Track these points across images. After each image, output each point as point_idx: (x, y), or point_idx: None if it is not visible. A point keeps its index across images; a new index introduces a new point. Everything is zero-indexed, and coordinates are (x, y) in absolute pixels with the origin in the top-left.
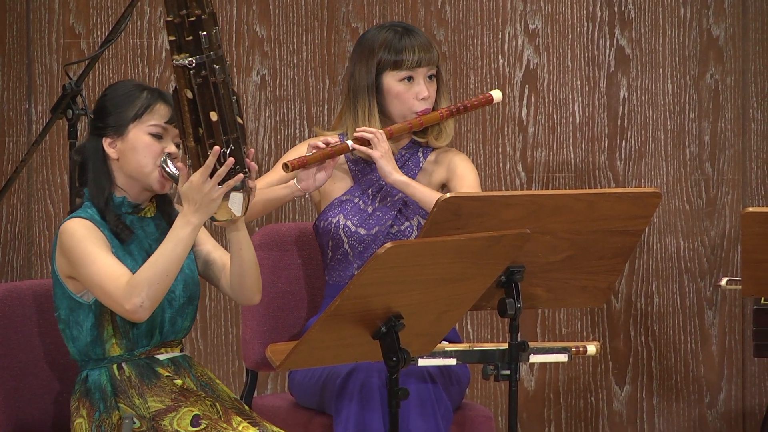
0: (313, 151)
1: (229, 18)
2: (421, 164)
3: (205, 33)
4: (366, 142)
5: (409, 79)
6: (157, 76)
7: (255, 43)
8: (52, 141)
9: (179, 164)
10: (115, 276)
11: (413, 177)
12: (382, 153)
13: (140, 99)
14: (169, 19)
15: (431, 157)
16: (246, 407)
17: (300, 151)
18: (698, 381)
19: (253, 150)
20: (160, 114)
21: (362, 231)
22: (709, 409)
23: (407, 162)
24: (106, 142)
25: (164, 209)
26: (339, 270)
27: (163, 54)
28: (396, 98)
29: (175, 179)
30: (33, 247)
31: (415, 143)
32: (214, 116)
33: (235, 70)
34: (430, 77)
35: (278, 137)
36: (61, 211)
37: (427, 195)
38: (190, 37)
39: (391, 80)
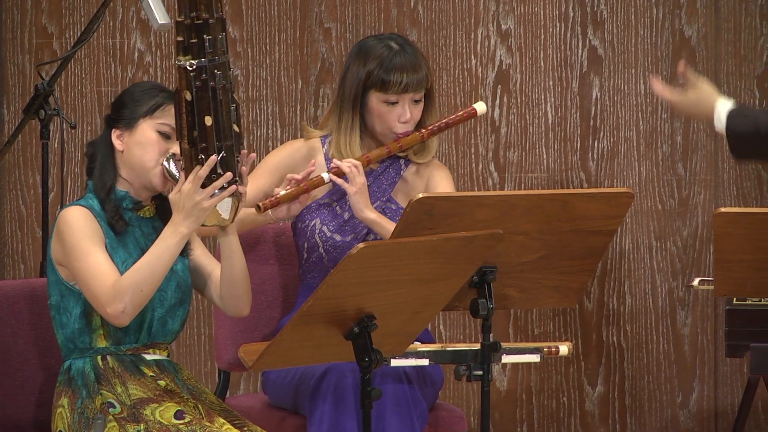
0: (288, 187)
1: None
2: (402, 173)
3: (210, 37)
4: (342, 173)
5: (394, 102)
6: (130, 77)
7: (227, 44)
8: (24, 141)
9: (181, 173)
10: (102, 276)
11: (393, 185)
12: (357, 189)
13: (156, 97)
14: (179, 19)
15: (413, 168)
16: (233, 411)
17: (284, 153)
18: (670, 381)
19: (253, 154)
20: (172, 114)
21: (337, 237)
22: (681, 409)
23: (387, 169)
24: (114, 134)
25: (164, 211)
26: (314, 272)
27: (136, 54)
28: (378, 117)
29: (175, 180)
30: (5, 247)
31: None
32: (209, 121)
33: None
34: (416, 101)
35: (251, 138)
36: (33, 211)
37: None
38: (195, 40)
39: (376, 100)
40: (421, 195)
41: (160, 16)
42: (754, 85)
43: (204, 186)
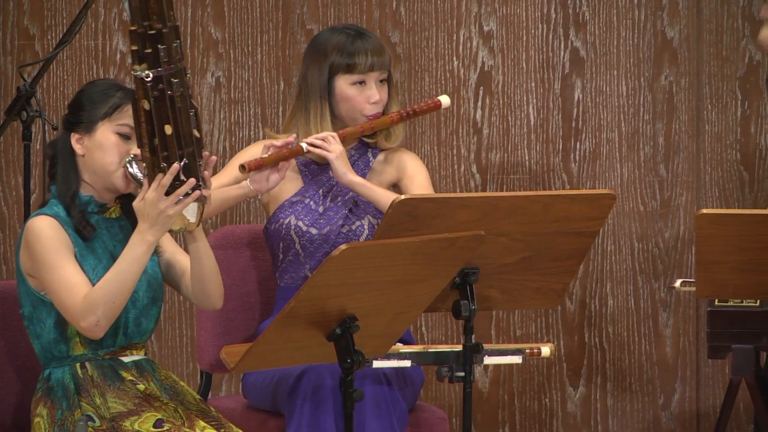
0: (269, 152)
1: (184, 20)
2: (370, 164)
3: (164, 47)
4: (321, 140)
5: (361, 83)
6: (114, 78)
7: (210, 45)
8: (6, 143)
9: (145, 180)
10: (74, 290)
11: (363, 177)
12: (337, 154)
13: (113, 98)
14: (133, 28)
15: (380, 156)
16: (211, 408)
17: (253, 151)
18: (652, 382)
19: (214, 157)
20: (130, 114)
21: (314, 231)
22: (663, 411)
23: (357, 162)
24: (74, 138)
25: (129, 210)
26: (291, 272)
27: (118, 56)
28: (347, 102)
29: (138, 182)
30: None
31: (365, 143)
32: (168, 129)
33: (189, 72)
34: (381, 81)
35: (233, 139)
36: (15, 213)
37: (382, 195)
38: (150, 50)
39: (344, 84)
40: (403, 196)
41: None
42: (736, 87)
43: (168, 193)
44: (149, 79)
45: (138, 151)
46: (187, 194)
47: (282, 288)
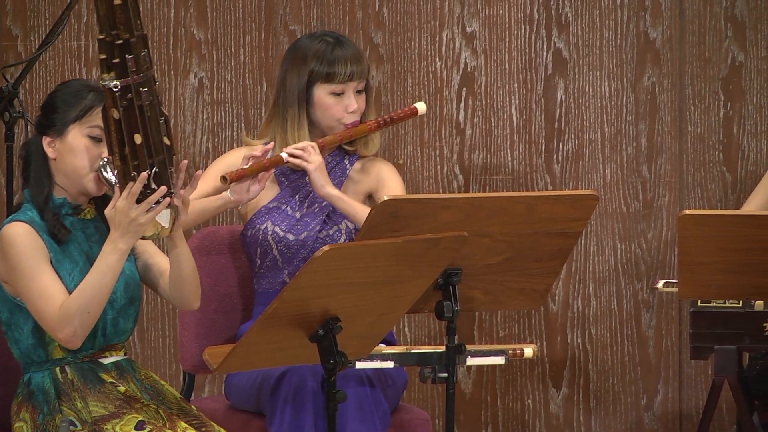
0: (249, 162)
1: (167, 20)
2: (347, 172)
3: (131, 56)
4: (300, 151)
5: (340, 93)
6: (95, 79)
7: (192, 46)
8: None
9: (116, 188)
10: (50, 300)
11: (339, 184)
12: (316, 165)
13: (85, 99)
14: (101, 37)
15: (357, 165)
16: (193, 408)
17: (230, 159)
18: (635, 383)
19: (185, 161)
20: (101, 117)
21: (291, 236)
22: (645, 412)
23: (334, 169)
24: (45, 141)
25: (103, 209)
26: (269, 277)
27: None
28: (326, 110)
29: (111, 185)
30: None
31: (342, 150)
32: (138, 139)
33: (172, 72)
34: (359, 91)
35: (216, 140)
36: None
37: (358, 209)
38: (117, 60)
39: (322, 93)
40: (386, 197)
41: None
42: (718, 88)
43: (139, 201)
44: (117, 89)
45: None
46: (158, 202)
47: (260, 293)
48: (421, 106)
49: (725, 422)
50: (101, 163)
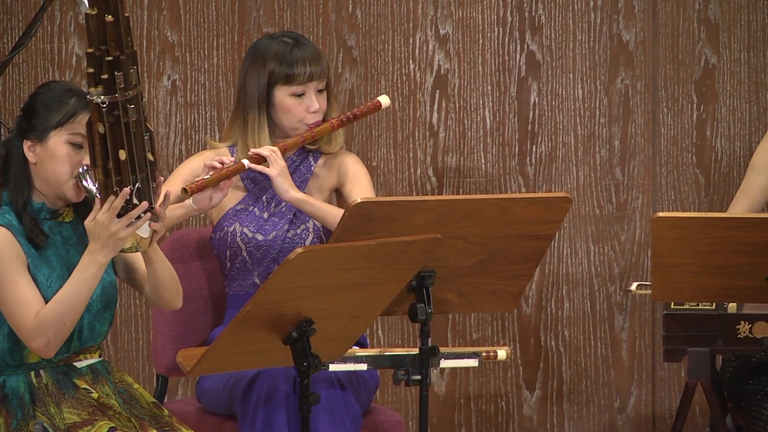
0: (210, 172)
1: (140, 23)
2: (312, 169)
3: (121, 73)
4: (262, 160)
5: (300, 94)
6: (69, 82)
7: (166, 48)
8: None
9: (97, 199)
10: (25, 308)
11: (305, 182)
12: (279, 171)
13: (67, 105)
14: (90, 50)
15: (321, 161)
16: (165, 411)
17: (193, 164)
18: (608, 386)
19: (162, 178)
20: (83, 124)
21: (259, 237)
22: (619, 414)
23: (299, 167)
24: (26, 145)
25: (82, 212)
26: (239, 279)
27: (74, 59)
28: (287, 112)
29: (90, 194)
30: None
31: (305, 149)
32: (122, 155)
33: (145, 75)
34: (320, 90)
35: (189, 142)
36: None
37: (325, 210)
38: (106, 76)
39: (283, 95)
40: (359, 199)
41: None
42: (692, 90)
43: (120, 215)
44: (105, 105)
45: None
46: (138, 217)
47: (231, 296)
48: (384, 100)
49: (698, 424)
50: (80, 171)
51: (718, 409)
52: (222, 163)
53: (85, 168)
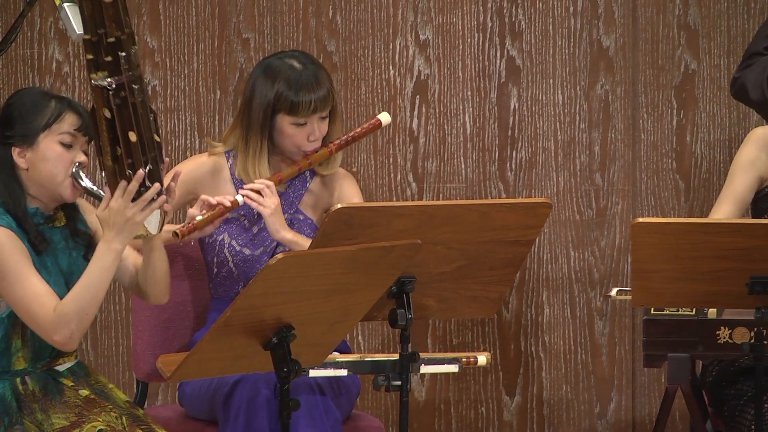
0: (203, 210)
1: None
2: (308, 185)
3: (124, 54)
4: (256, 192)
5: (303, 123)
6: (48, 87)
7: (146, 54)
8: None
9: (105, 188)
10: (43, 302)
11: (299, 198)
12: (272, 210)
13: (49, 108)
14: (86, 37)
15: (317, 178)
16: (140, 411)
17: (190, 166)
18: (588, 391)
19: (167, 159)
20: (69, 122)
21: (247, 251)
22: (599, 420)
23: (294, 182)
24: (15, 152)
25: (71, 215)
26: (225, 286)
27: (54, 65)
28: (288, 138)
29: (94, 195)
30: None
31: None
32: (133, 137)
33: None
34: (322, 118)
35: (169, 148)
36: None
37: None
38: (110, 57)
39: (285, 122)
40: (340, 205)
41: (78, 26)
42: (671, 95)
43: (133, 200)
44: (112, 87)
45: (83, 159)
46: (153, 199)
47: (216, 300)
48: (384, 117)
49: (678, 430)
50: (74, 170)
51: (698, 415)
52: (219, 202)
53: (78, 165)
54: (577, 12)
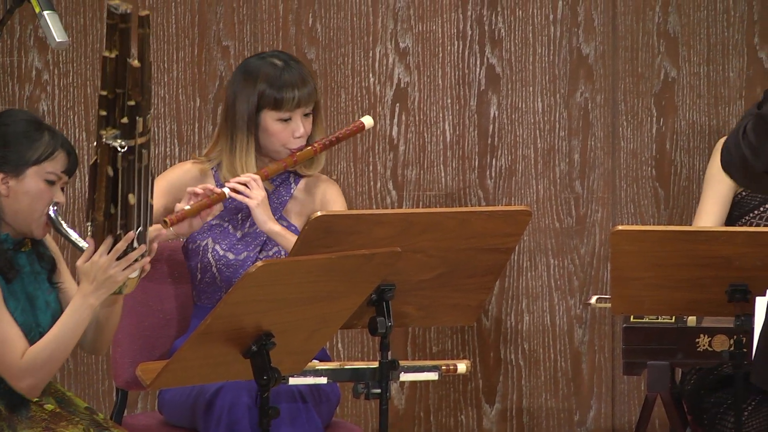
0: (191, 201)
1: (100, 36)
2: (292, 191)
3: (141, 119)
4: (243, 186)
5: (287, 119)
6: (27, 95)
7: None
8: None
9: (89, 239)
10: (13, 347)
11: (283, 204)
12: (258, 202)
13: (42, 142)
14: (103, 93)
15: (302, 185)
16: (100, 415)
17: (171, 177)
18: (568, 399)
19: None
20: (60, 162)
21: (230, 256)
22: (578, 427)
23: (278, 188)
24: None
25: (34, 240)
26: (208, 292)
27: (33, 73)
28: (272, 136)
29: (72, 243)
30: None
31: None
32: (132, 199)
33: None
34: (306, 115)
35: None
36: None
37: None
38: (125, 120)
39: (270, 119)
40: (319, 213)
41: (58, 34)
42: (651, 103)
43: (118, 258)
44: (124, 149)
45: (61, 199)
46: (136, 260)
47: (198, 306)
48: (367, 121)
49: None
50: (52, 214)
51: (678, 423)
52: (205, 189)
53: (56, 208)
54: (557, 20)
